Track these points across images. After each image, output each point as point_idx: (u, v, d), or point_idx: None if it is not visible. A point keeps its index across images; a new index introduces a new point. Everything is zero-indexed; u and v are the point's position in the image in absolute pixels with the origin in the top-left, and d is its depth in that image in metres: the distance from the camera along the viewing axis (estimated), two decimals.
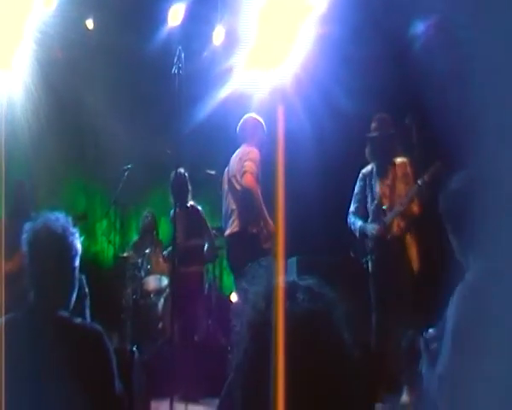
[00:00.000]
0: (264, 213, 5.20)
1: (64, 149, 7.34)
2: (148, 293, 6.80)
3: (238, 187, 5.30)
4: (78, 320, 2.58)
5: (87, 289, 4.62)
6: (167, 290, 6.55)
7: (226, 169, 5.50)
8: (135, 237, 7.61)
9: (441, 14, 5.42)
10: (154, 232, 7.33)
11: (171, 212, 6.55)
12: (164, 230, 7.49)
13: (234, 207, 5.36)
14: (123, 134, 6.50)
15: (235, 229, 5.31)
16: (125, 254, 7.03)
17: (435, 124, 4.78)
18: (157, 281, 6.78)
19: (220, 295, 6.99)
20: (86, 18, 7.06)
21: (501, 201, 2.13)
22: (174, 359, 5.25)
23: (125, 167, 6.41)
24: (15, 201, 6.25)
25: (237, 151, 5.45)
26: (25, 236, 2.64)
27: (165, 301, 6.61)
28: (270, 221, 5.22)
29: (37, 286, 2.60)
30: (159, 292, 6.77)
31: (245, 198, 5.26)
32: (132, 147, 5.97)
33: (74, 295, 2.66)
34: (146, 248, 6.94)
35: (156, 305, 6.74)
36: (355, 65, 6.02)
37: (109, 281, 6.93)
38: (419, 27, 5.79)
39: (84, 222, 6.95)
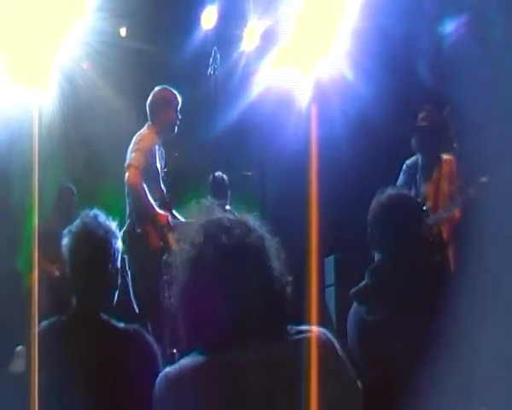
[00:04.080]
0: (152, 210, 4.86)
1: (100, 155, 7.40)
2: None
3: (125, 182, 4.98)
4: (121, 324, 2.52)
5: (127, 268, 4.61)
6: None
7: None
8: None
9: (476, 11, 5.37)
10: None
11: None
12: None
13: (127, 202, 5.05)
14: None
15: (127, 228, 4.94)
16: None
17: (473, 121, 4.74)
18: None
19: None
20: (119, 25, 7.12)
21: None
22: None
23: None
24: (65, 205, 6.35)
25: (136, 134, 5.13)
26: (65, 240, 2.59)
27: None
28: (162, 214, 4.91)
29: (80, 290, 2.55)
30: None
31: (130, 194, 4.96)
32: (168, 150, 5.98)
33: (116, 296, 2.62)
34: None
35: None
36: (391, 62, 5.97)
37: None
38: (453, 24, 5.73)
39: None
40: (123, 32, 7.19)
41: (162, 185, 5.18)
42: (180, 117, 5.22)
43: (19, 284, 5.87)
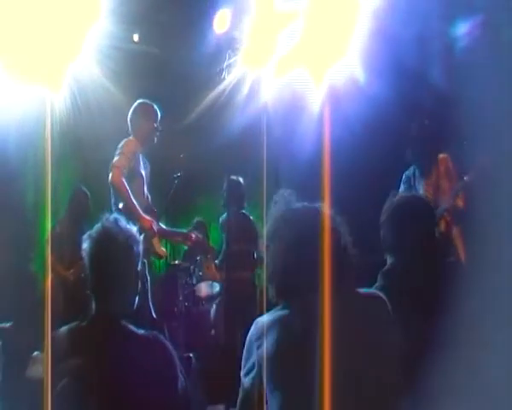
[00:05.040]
0: (136, 211, 4.85)
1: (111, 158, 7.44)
2: (200, 300, 6.83)
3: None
4: (141, 331, 2.49)
5: (147, 273, 4.62)
6: (219, 297, 6.58)
7: None
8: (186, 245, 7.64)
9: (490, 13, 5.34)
10: (205, 239, 7.37)
11: (222, 218, 6.60)
12: (215, 237, 7.52)
13: (114, 207, 5.03)
14: (171, 142, 6.56)
15: None
16: (176, 262, 7.08)
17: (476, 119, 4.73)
18: (209, 287, 6.81)
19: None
20: (132, 30, 7.15)
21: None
22: (227, 364, 5.25)
23: (175, 175, 6.46)
24: (79, 209, 6.39)
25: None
26: (85, 245, 2.55)
27: (217, 307, 6.63)
28: (146, 218, 4.91)
29: (101, 296, 2.51)
30: (211, 298, 6.80)
31: (114, 195, 5.00)
32: (181, 154, 6.01)
33: (136, 300, 2.59)
34: (197, 255, 6.99)
35: (208, 311, 6.77)
36: (404, 65, 5.95)
37: (161, 288, 6.99)
38: (468, 27, 5.70)
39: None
40: (136, 36, 7.22)
41: (147, 192, 5.22)
42: (160, 129, 5.34)
43: (33, 289, 5.91)
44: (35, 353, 4.11)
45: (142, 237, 3.72)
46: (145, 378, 2.35)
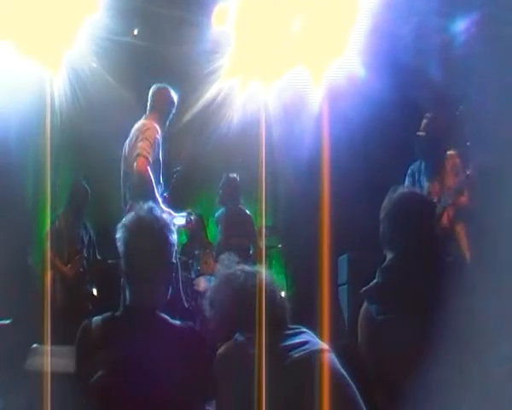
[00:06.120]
0: (158, 201, 4.66)
1: (111, 154, 7.43)
2: (198, 294, 6.83)
3: (131, 171, 4.78)
4: (177, 321, 2.46)
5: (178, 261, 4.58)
6: None
7: (125, 145, 5.00)
8: (184, 240, 7.65)
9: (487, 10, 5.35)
10: (203, 234, 7.38)
11: (217, 213, 6.62)
12: (213, 231, 7.53)
13: (128, 195, 4.86)
14: (170, 137, 6.57)
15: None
16: None
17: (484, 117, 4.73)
18: (207, 282, 6.82)
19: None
20: (131, 24, 7.14)
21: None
22: None
23: (175, 170, 6.46)
24: (78, 203, 6.38)
25: (138, 124, 5.00)
26: (119, 234, 2.49)
27: None
28: (167, 210, 4.65)
29: (136, 286, 2.46)
30: None
31: (137, 184, 4.76)
32: (180, 149, 6.01)
33: (170, 290, 2.55)
34: (195, 250, 7.00)
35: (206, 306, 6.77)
36: (402, 62, 5.96)
37: None
38: (466, 23, 5.71)
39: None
40: (135, 30, 7.21)
41: (161, 179, 5.10)
42: (175, 114, 5.24)
43: (33, 283, 5.91)
44: (34, 345, 4.11)
45: (176, 226, 3.71)
46: (182, 369, 2.32)
